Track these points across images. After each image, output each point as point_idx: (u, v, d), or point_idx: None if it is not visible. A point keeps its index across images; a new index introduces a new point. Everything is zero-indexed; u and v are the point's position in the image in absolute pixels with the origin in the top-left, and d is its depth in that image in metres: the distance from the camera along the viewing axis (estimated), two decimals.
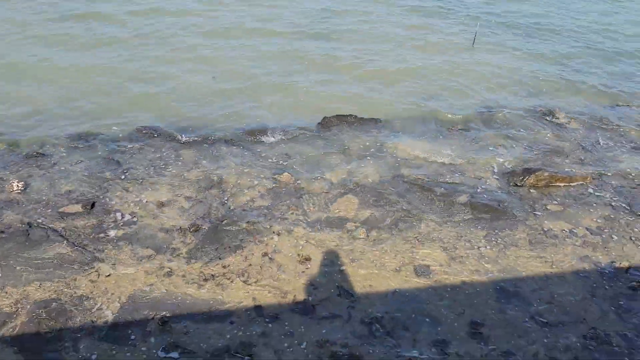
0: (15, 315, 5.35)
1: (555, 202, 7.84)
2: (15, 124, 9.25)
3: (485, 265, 6.47)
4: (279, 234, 6.79)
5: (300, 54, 12.81)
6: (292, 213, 7.24)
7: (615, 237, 7.17)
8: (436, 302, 5.88)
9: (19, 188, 7.36)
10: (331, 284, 6.03)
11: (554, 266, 6.55)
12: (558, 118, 10.48)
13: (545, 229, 7.21)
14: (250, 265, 6.24)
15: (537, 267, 6.52)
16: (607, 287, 6.27)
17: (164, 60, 12.07)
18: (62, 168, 8.00)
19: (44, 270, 5.96)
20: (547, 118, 10.49)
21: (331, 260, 6.39)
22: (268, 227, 6.92)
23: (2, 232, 6.51)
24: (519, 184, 8.11)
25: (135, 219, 6.96)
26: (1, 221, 6.72)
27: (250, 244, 6.60)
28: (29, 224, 6.68)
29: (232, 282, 5.98)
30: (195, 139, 9.01)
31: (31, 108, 9.78)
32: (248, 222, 6.98)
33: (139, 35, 13.39)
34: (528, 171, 8.23)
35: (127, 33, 13.48)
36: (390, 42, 13.98)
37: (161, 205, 7.27)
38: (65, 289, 5.73)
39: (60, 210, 7.02)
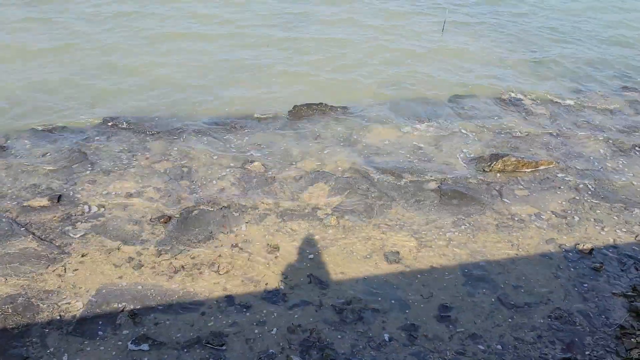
0: None
1: (522, 186, 8.01)
2: None
3: (454, 249, 6.60)
4: (249, 224, 6.79)
5: (268, 42, 12.70)
6: (263, 202, 7.24)
7: (579, 220, 7.38)
8: (406, 288, 5.98)
9: None
10: (302, 272, 6.08)
11: (520, 249, 6.71)
12: (525, 103, 10.67)
13: (512, 214, 7.38)
14: (221, 255, 6.24)
15: (504, 250, 6.67)
16: (571, 269, 6.46)
17: (132, 51, 11.83)
18: (27, 161, 7.81)
19: (9, 266, 5.84)
20: (515, 103, 10.67)
21: (302, 249, 6.43)
22: (238, 216, 6.91)
23: None
24: (486, 170, 8.26)
25: (103, 211, 6.86)
26: None
27: (221, 234, 6.58)
28: None
29: (202, 273, 5.97)
30: (164, 130, 8.89)
31: None
32: (218, 212, 6.96)
33: (108, 27, 13.06)
34: (495, 157, 8.38)
35: (95, 25, 13.15)
36: (357, 28, 13.96)
37: (130, 196, 7.18)
38: (32, 284, 5.64)
39: (25, 204, 6.87)
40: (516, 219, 7.29)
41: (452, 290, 6.01)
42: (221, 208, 7.04)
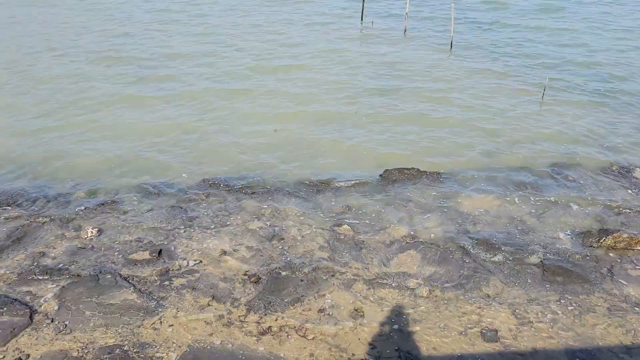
0: None
1: (637, 266, 7.27)
2: (93, 175, 9.81)
3: (559, 332, 6.03)
4: (337, 288, 6.68)
5: (360, 107, 12.97)
6: (351, 267, 7.13)
7: None
8: None
9: (93, 234, 7.74)
10: (391, 344, 5.81)
11: (636, 336, 5.99)
12: (635, 176, 9.87)
13: (626, 295, 6.67)
14: (308, 319, 6.15)
15: (617, 337, 5.99)
16: None
17: (227, 114, 12.56)
18: (133, 216, 8.37)
19: (111, 316, 6.14)
20: (624, 175, 9.90)
21: (391, 319, 6.18)
22: (326, 280, 6.84)
23: (75, 276, 6.81)
24: (594, 246, 7.61)
25: (198, 267, 7.10)
26: (75, 266, 7.06)
27: (309, 297, 6.52)
28: (100, 270, 6.97)
29: (289, 336, 5.90)
30: (258, 191, 9.19)
31: (107, 160, 10.37)
32: (306, 274, 6.94)
33: (203, 91, 14.07)
34: (605, 232, 7.73)
35: (190, 88, 14.22)
36: (453, 94, 13.90)
37: (223, 254, 7.40)
38: (130, 336, 5.86)
39: (129, 256, 7.29)
40: (630, 301, 6.57)
41: None
42: (310, 271, 7.02)
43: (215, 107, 13.05)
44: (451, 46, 17.64)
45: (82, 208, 8.56)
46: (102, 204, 8.69)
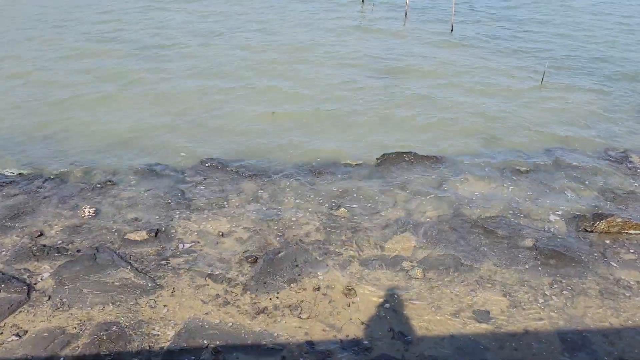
0: (78, 337, 5.57)
1: (630, 250, 7.34)
2: (90, 153, 9.84)
3: (551, 313, 6.11)
4: (332, 269, 6.75)
5: (360, 89, 12.96)
6: (347, 249, 7.19)
7: None
8: (496, 350, 5.59)
9: (90, 214, 7.78)
10: (385, 323, 5.89)
11: (628, 320, 6.07)
12: (632, 160, 9.91)
13: (618, 279, 6.74)
14: (303, 299, 6.22)
15: (608, 319, 6.07)
16: None
17: (227, 94, 12.56)
18: (131, 196, 8.40)
19: (107, 294, 6.20)
20: (620, 160, 9.94)
21: (385, 299, 6.25)
22: (322, 261, 6.90)
23: (72, 255, 6.87)
24: (588, 230, 7.67)
25: (195, 248, 7.15)
26: (72, 245, 7.10)
27: (304, 278, 6.59)
28: (97, 249, 7.02)
29: (284, 315, 5.97)
30: (256, 173, 9.22)
31: (105, 138, 10.40)
32: (303, 255, 7.00)
33: (205, 70, 14.05)
34: (599, 216, 7.78)
35: (194, 69, 14.19)
36: (453, 77, 13.88)
37: (221, 235, 7.44)
38: (127, 314, 5.92)
39: (126, 236, 7.34)
40: (622, 285, 6.64)
41: (548, 357, 5.52)
42: (306, 251, 7.08)
43: (215, 89, 13.02)
44: (452, 29, 17.54)
45: (80, 187, 8.59)
46: (100, 184, 8.71)
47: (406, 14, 19.26)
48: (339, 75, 13.99)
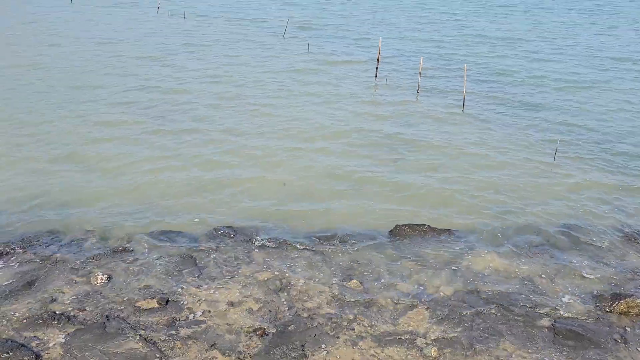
0: None
1: None
2: (110, 216, 9.99)
3: None
4: (344, 345, 6.59)
5: (373, 159, 13.13)
6: (359, 323, 7.06)
7: None
8: None
9: (103, 281, 7.79)
10: None
11: None
12: None
13: None
14: None
15: None
16: None
17: (238, 163, 12.78)
18: (144, 263, 8.43)
19: None
20: (637, 239, 9.79)
21: None
22: (333, 335, 6.76)
23: (82, 322, 6.82)
24: (607, 310, 7.47)
25: (204, 318, 7.07)
26: (83, 313, 7.07)
27: (315, 353, 6.43)
28: (107, 317, 6.97)
29: None
30: (267, 241, 9.24)
31: (123, 203, 10.56)
32: (313, 329, 6.87)
33: (217, 138, 14.38)
34: (617, 296, 7.61)
35: (205, 135, 14.54)
36: (465, 156, 14.05)
37: (230, 305, 7.37)
38: None
39: (136, 305, 7.30)
40: None
41: None
42: (317, 326, 6.96)
43: (229, 154, 13.30)
44: (463, 105, 17.97)
45: (94, 254, 8.66)
46: (114, 250, 8.78)
47: (418, 89, 19.86)
48: (351, 145, 14.25)
